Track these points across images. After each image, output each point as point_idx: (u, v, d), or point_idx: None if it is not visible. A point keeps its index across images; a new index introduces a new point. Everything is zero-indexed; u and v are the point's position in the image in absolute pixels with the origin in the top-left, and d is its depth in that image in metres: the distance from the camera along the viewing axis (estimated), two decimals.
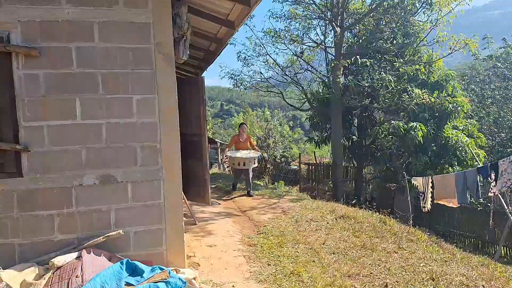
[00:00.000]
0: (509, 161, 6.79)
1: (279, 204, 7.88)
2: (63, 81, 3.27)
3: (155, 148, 3.50)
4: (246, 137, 8.93)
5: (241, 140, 8.81)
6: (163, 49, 3.50)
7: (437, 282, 3.86)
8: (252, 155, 8.54)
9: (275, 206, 7.64)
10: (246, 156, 8.37)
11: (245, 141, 8.79)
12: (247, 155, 8.47)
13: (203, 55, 7.70)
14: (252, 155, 8.56)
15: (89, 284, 2.87)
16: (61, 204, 3.29)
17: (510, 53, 21.37)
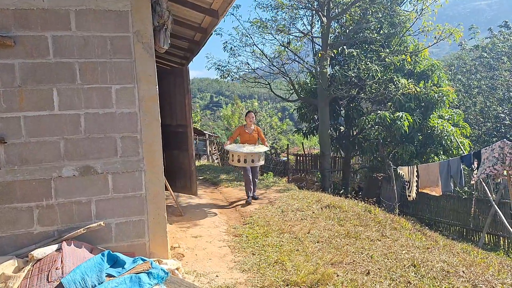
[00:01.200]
0: (491, 149, 6.89)
1: (266, 195, 7.90)
2: (39, 71, 3.20)
3: (135, 139, 3.46)
4: (254, 128, 7.20)
5: (247, 132, 7.13)
6: (142, 38, 3.45)
7: (418, 269, 3.92)
8: (260, 150, 6.84)
9: (262, 196, 7.66)
10: (253, 151, 6.70)
11: (252, 133, 7.14)
12: (254, 149, 6.83)
13: (188, 45, 7.61)
14: (260, 149, 6.87)
15: (69, 276, 2.84)
16: (40, 196, 3.24)
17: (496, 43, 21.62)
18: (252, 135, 7.13)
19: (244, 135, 7.13)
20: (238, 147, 6.83)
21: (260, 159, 6.81)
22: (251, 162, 6.73)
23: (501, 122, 19.10)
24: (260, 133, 7.30)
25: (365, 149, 14.58)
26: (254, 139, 7.17)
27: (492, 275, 3.88)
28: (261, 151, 6.80)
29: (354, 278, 3.64)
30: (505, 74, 20.21)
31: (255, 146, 7.00)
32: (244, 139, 7.13)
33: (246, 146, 6.94)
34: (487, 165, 6.81)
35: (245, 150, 6.71)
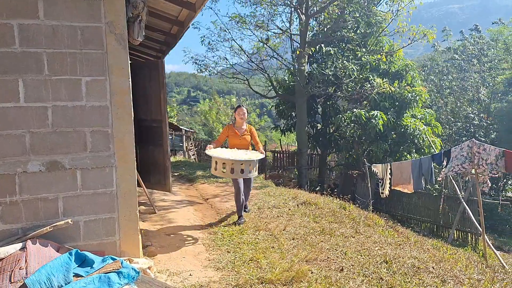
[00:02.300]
0: (460, 148, 7.09)
1: None
2: (4, 61, 3.03)
3: (106, 133, 3.34)
4: (246, 128, 5.61)
5: (238, 133, 5.52)
6: (115, 29, 3.32)
7: (390, 265, 3.98)
8: (253, 157, 5.01)
9: None
10: (244, 159, 4.87)
11: (244, 135, 5.55)
12: (245, 155, 5.06)
13: (165, 38, 7.45)
14: (253, 156, 5.06)
15: (33, 276, 2.72)
16: (3, 192, 3.08)
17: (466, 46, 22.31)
18: (243, 137, 5.51)
19: (234, 138, 5.50)
20: (223, 152, 5.10)
21: (253, 169, 4.97)
22: (241, 173, 4.85)
23: (471, 122, 19.78)
24: (254, 134, 5.63)
25: (341, 146, 14.78)
26: (246, 143, 5.53)
27: (460, 271, 3.99)
28: (255, 159, 4.92)
29: (328, 275, 3.66)
30: (474, 76, 20.92)
31: (247, 152, 5.29)
32: (233, 142, 5.51)
33: (234, 150, 5.30)
34: (456, 163, 7.01)
35: (233, 156, 4.96)
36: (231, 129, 5.58)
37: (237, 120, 5.61)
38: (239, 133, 5.51)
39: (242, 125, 5.60)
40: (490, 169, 6.64)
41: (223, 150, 5.27)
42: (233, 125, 5.65)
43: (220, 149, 5.29)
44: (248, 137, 5.57)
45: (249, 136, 5.58)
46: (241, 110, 5.61)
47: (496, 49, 21.70)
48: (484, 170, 6.60)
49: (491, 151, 6.56)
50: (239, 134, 5.51)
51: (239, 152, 5.20)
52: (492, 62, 21.33)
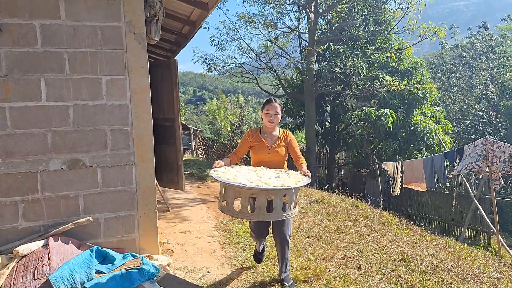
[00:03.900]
0: (474, 146, 7.03)
1: None
2: (26, 60, 3.07)
3: (126, 132, 3.37)
4: (279, 137, 3.58)
5: (266, 143, 3.53)
6: (134, 28, 3.34)
7: (408, 263, 3.97)
8: (290, 180, 3.03)
9: None
10: (276, 184, 2.89)
11: (276, 146, 3.53)
12: (276, 179, 3.04)
13: (175, 38, 7.48)
14: (289, 179, 3.07)
15: (57, 273, 2.75)
16: (25, 190, 3.12)
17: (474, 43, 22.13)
18: (275, 150, 3.49)
19: (260, 151, 3.51)
20: (238, 174, 3.09)
21: (291, 204, 2.97)
22: (268, 212, 2.89)
23: (479, 120, 19.61)
24: (293, 144, 3.56)
25: (350, 145, 14.73)
26: (280, 159, 3.52)
27: (479, 269, 3.97)
28: (294, 187, 2.87)
29: (346, 273, 3.65)
30: (483, 73, 20.74)
31: (280, 174, 3.20)
32: (258, 158, 3.52)
33: (260, 172, 3.23)
34: (469, 161, 6.96)
35: (255, 179, 2.95)
36: (255, 136, 3.52)
37: (266, 123, 3.49)
38: (268, 144, 3.46)
39: (274, 130, 3.55)
40: (503, 166, 6.58)
41: (239, 169, 3.24)
42: (259, 131, 3.59)
43: (232, 168, 3.25)
44: (282, 149, 3.49)
45: (284, 148, 3.50)
46: (272, 107, 3.44)
47: (505, 46, 21.50)
48: (497, 168, 6.55)
49: (505, 148, 6.50)
50: (268, 146, 3.46)
51: (266, 173, 3.15)
52: (500, 59, 21.13)
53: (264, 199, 2.80)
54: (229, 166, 3.32)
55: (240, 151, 3.57)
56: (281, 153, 3.50)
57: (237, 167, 3.29)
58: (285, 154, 3.54)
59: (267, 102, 3.54)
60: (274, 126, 3.53)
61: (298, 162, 3.44)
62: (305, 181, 3.02)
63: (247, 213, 2.94)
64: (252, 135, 3.58)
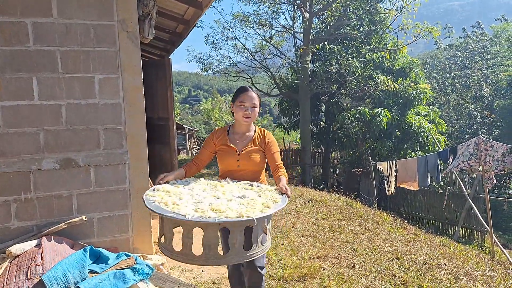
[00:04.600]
0: (467, 145, 7.08)
1: None
2: (18, 59, 3.04)
3: (119, 131, 3.35)
4: (253, 138, 2.61)
5: (234, 147, 2.58)
6: (127, 27, 3.33)
7: (402, 261, 3.99)
8: (256, 204, 2.03)
9: None
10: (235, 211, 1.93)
11: (248, 149, 2.57)
12: (237, 201, 2.08)
13: (169, 37, 7.46)
14: (259, 200, 2.08)
15: (50, 273, 2.73)
16: (18, 189, 3.09)
17: (469, 43, 22.27)
18: (248, 155, 2.57)
19: (227, 157, 2.61)
20: (187, 195, 2.19)
21: (260, 237, 2.03)
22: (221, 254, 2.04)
23: (474, 119, 19.74)
24: (272, 148, 2.62)
25: (344, 144, 14.78)
26: (254, 167, 2.60)
27: (472, 267, 3.99)
28: (260, 216, 1.90)
29: (340, 272, 3.66)
30: (477, 73, 20.88)
31: (248, 190, 2.30)
32: (226, 166, 2.64)
33: (223, 186, 2.36)
34: (461, 160, 7.00)
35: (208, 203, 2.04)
36: (222, 138, 2.63)
37: (239, 118, 2.56)
38: (238, 148, 2.57)
39: (248, 129, 2.64)
40: (496, 165, 6.63)
41: (193, 186, 2.36)
42: (227, 130, 2.67)
43: (182, 185, 2.36)
44: (257, 155, 2.56)
45: (260, 153, 2.58)
46: (248, 97, 2.55)
47: (499, 45, 21.65)
48: (490, 167, 6.59)
49: (498, 147, 6.55)
50: (238, 150, 2.56)
51: (229, 191, 2.25)
52: (495, 59, 21.28)
53: (215, 233, 1.93)
54: (182, 180, 2.45)
55: (201, 158, 2.66)
56: (255, 159, 2.51)
57: (192, 183, 2.37)
58: (261, 162, 2.55)
59: (242, 91, 2.56)
60: (250, 123, 2.57)
61: (276, 173, 2.46)
62: (279, 205, 2.03)
63: (192, 254, 2.04)
64: (217, 136, 2.64)
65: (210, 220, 1.87)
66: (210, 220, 1.87)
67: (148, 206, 2.08)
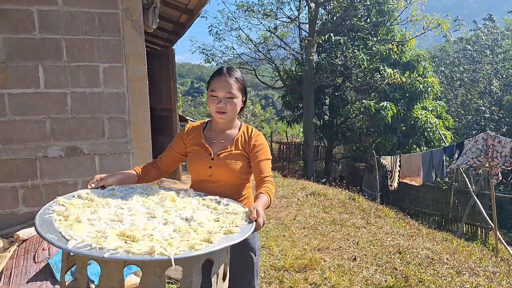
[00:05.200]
0: (475, 141, 7.02)
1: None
2: (24, 47, 3.05)
3: (123, 120, 3.37)
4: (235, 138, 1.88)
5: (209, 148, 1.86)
6: (131, 15, 3.32)
7: (404, 255, 4.00)
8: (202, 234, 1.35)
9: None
10: (136, 251, 1.18)
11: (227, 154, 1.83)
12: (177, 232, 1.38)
13: (173, 27, 7.42)
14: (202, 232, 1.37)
15: (56, 257, 2.78)
16: (25, 176, 3.13)
17: (479, 36, 21.89)
18: (223, 161, 1.83)
19: (199, 161, 1.87)
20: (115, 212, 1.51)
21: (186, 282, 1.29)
22: None
23: (481, 115, 19.51)
24: (260, 156, 1.84)
25: (348, 138, 14.70)
26: (233, 177, 1.84)
27: (475, 263, 4.00)
28: (180, 257, 1.19)
29: (341, 264, 3.68)
30: (487, 67, 20.58)
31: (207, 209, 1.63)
32: (197, 175, 1.90)
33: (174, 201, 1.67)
34: (471, 157, 6.94)
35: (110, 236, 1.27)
36: (195, 136, 1.95)
37: (212, 113, 1.87)
38: (213, 150, 1.87)
39: (229, 126, 1.93)
40: (503, 161, 6.57)
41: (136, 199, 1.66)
42: (203, 126, 1.98)
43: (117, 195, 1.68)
44: (238, 161, 1.85)
45: (243, 158, 1.87)
46: (222, 84, 1.82)
47: (511, 39, 21.24)
48: (497, 163, 6.54)
49: (506, 143, 6.47)
50: (213, 153, 1.86)
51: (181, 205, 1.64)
52: (506, 53, 20.86)
53: (119, 274, 1.26)
54: (127, 187, 1.78)
55: (165, 161, 2.00)
56: (233, 168, 1.82)
57: (137, 193, 1.71)
58: (242, 171, 1.84)
59: (216, 74, 1.86)
60: (227, 119, 1.85)
61: (258, 187, 1.76)
62: (227, 240, 1.32)
63: None
64: (190, 133, 1.95)
65: (95, 254, 1.16)
66: (96, 254, 1.16)
67: (36, 221, 1.39)
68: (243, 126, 1.96)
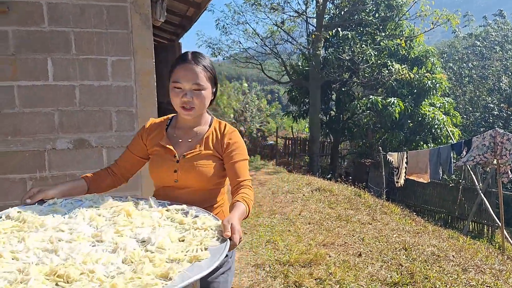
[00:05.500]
0: (482, 138, 6.96)
1: (256, 176, 7.92)
2: (33, 40, 3.06)
3: (131, 113, 3.37)
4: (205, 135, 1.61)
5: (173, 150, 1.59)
6: (139, 9, 3.32)
7: (410, 252, 3.99)
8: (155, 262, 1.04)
9: (252, 178, 7.64)
10: None
11: (195, 156, 1.56)
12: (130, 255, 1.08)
13: (180, 20, 7.39)
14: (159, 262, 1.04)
15: None
16: (33, 167, 3.15)
17: (489, 32, 21.62)
18: (190, 164, 1.55)
19: (161, 164, 1.61)
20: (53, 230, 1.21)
21: None
22: None
23: (490, 112, 19.31)
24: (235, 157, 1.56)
25: (354, 134, 14.63)
26: (202, 183, 1.56)
27: (481, 260, 3.98)
28: None
29: (346, 259, 3.69)
30: (496, 64, 20.34)
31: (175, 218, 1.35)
32: (160, 180, 1.64)
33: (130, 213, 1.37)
34: (477, 153, 6.88)
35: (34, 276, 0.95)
36: (157, 134, 1.72)
37: (175, 108, 1.63)
38: (179, 151, 1.60)
39: (198, 122, 1.67)
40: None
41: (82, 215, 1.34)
42: (167, 123, 1.78)
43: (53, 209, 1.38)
44: (209, 164, 1.56)
45: (213, 161, 1.58)
46: (186, 73, 1.55)
47: None
48: (506, 161, 6.48)
49: None
50: (177, 155, 1.59)
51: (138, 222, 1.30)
52: None
53: None
54: (72, 200, 1.48)
55: (122, 164, 1.79)
56: (203, 170, 1.54)
57: (81, 212, 1.35)
58: (214, 175, 1.56)
59: (179, 62, 1.61)
60: (195, 115, 1.60)
61: (234, 194, 1.49)
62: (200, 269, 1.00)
63: None
64: (150, 131, 1.73)
65: None
66: None
67: None
68: (214, 122, 1.67)
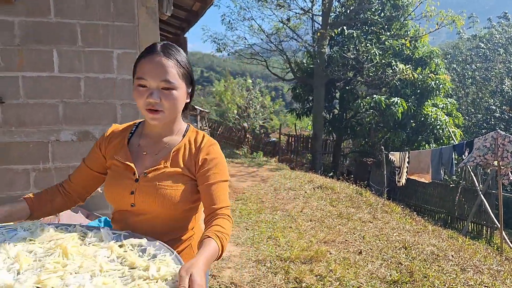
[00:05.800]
0: (484, 139, 6.96)
1: (258, 173, 7.93)
2: (39, 31, 3.07)
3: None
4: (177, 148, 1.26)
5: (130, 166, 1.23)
6: (146, 2, 3.32)
7: (409, 251, 4.01)
8: None
9: (254, 174, 7.69)
10: None
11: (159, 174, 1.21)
12: None
13: (185, 15, 7.38)
14: None
15: None
16: (37, 159, 3.17)
17: (493, 34, 21.57)
18: (153, 183, 1.20)
19: (118, 183, 1.25)
20: None
21: None
22: None
23: (492, 114, 19.30)
24: (212, 177, 1.22)
25: (357, 133, 14.64)
26: (166, 209, 1.20)
27: (479, 261, 3.99)
28: None
29: (346, 257, 3.70)
30: (499, 66, 20.30)
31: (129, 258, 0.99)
32: (115, 197, 1.27)
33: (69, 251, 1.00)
34: (477, 154, 6.89)
35: None
36: (116, 143, 1.32)
37: (143, 112, 1.25)
38: (139, 168, 1.25)
39: (170, 129, 1.30)
40: None
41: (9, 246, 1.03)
42: (131, 131, 1.36)
43: None
44: (176, 185, 1.21)
45: (183, 181, 1.22)
46: (153, 67, 1.19)
47: None
48: (508, 163, 6.48)
49: None
50: (138, 173, 1.24)
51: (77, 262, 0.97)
52: None
53: None
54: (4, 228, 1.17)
55: (76, 182, 1.43)
56: (167, 193, 1.21)
57: (5, 248, 1.02)
58: (183, 199, 1.22)
59: (145, 53, 1.25)
60: (164, 121, 1.25)
61: (207, 225, 1.14)
62: None
63: None
64: (110, 140, 1.36)
65: None
66: None
67: None
68: (190, 132, 1.33)
